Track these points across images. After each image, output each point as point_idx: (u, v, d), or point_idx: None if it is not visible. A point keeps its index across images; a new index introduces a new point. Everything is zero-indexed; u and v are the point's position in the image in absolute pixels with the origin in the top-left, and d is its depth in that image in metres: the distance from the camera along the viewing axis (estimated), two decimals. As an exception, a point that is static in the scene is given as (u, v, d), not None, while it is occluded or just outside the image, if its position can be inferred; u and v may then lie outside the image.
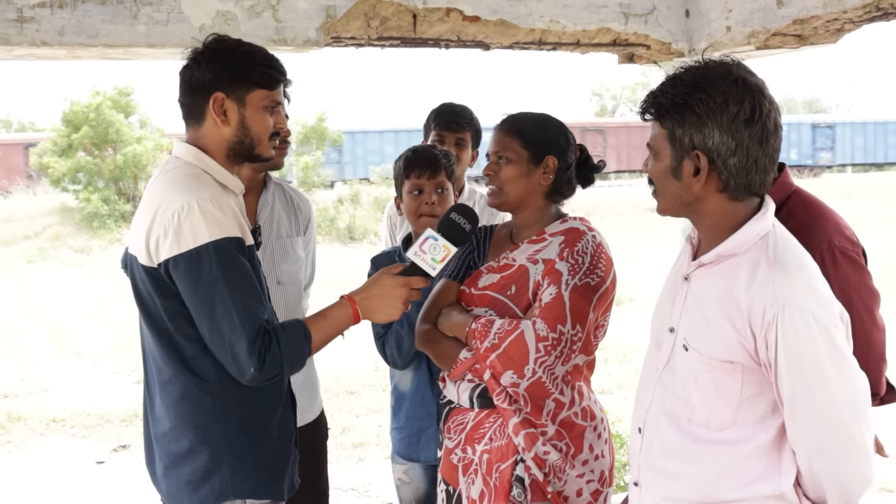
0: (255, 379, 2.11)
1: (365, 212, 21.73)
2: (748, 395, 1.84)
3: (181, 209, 2.08)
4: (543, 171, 2.48)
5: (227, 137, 2.24)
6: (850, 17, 3.18)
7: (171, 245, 2.08)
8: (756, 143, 1.81)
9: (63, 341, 10.74)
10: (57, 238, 20.37)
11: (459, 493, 2.54)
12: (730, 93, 1.80)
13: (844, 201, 20.49)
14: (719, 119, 1.80)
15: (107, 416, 7.60)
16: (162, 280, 2.13)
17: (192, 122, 2.27)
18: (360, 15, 3.42)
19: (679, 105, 1.83)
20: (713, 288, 1.88)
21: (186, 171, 2.19)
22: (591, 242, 2.44)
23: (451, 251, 2.30)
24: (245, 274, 2.13)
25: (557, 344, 2.33)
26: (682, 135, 1.84)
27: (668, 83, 1.88)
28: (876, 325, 2.30)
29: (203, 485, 2.19)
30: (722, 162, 1.82)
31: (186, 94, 2.26)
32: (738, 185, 1.84)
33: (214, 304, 2.08)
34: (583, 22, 3.75)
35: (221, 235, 2.09)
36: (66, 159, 22.32)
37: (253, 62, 2.23)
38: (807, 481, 1.84)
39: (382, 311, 2.29)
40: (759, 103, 1.81)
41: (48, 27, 3.11)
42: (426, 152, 2.90)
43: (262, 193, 3.05)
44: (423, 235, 2.31)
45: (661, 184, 1.93)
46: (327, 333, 2.24)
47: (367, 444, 6.60)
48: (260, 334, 2.09)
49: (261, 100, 2.24)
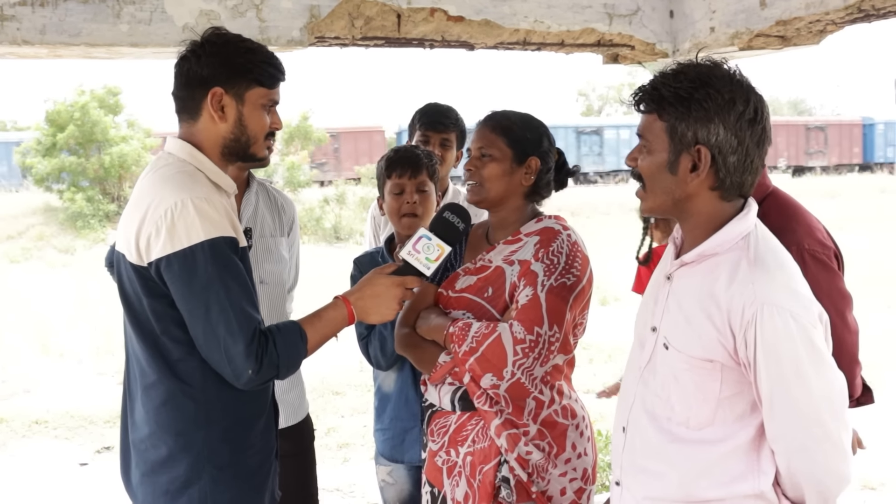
0: (252, 381, 2.05)
1: (351, 212, 21.71)
2: (727, 394, 1.85)
3: (175, 206, 2.02)
4: (525, 172, 2.48)
5: (223, 134, 2.19)
6: (832, 19, 3.19)
7: (164, 243, 2.02)
8: (755, 144, 1.83)
9: (46, 342, 10.66)
10: (41, 238, 20.26)
11: (444, 494, 2.54)
12: (736, 91, 1.81)
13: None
14: (726, 116, 1.80)
15: (90, 418, 7.55)
16: (151, 280, 2.07)
17: (187, 116, 2.21)
18: (345, 15, 3.41)
19: (685, 99, 1.81)
20: (694, 287, 1.88)
21: (179, 168, 2.13)
22: (567, 242, 2.43)
23: (444, 250, 2.30)
24: (240, 274, 2.08)
25: (535, 346, 2.33)
26: (684, 129, 1.82)
27: (671, 77, 1.85)
28: (848, 328, 2.30)
29: (181, 495, 2.12)
30: (723, 159, 1.82)
31: (183, 87, 2.19)
32: (733, 184, 1.85)
33: (210, 305, 2.01)
34: (567, 22, 3.75)
35: (216, 234, 2.04)
36: (50, 159, 22.20)
37: (254, 59, 2.18)
38: (785, 480, 1.85)
39: (377, 312, 2.26)
40: (760, 105, 1.83)
41: (29, 26, 3.09)
42: (408, 152, 2.89)
43: (245, 193, 3.03)
44: (417, 235, 2.30)
45: (652, 179, 1.91)
46: (323, 334, 2.20)
47: (352, 444, 6.59)
48: (256, 336, 2.04)
49: (259, 98, 2.20)
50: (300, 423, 3.16)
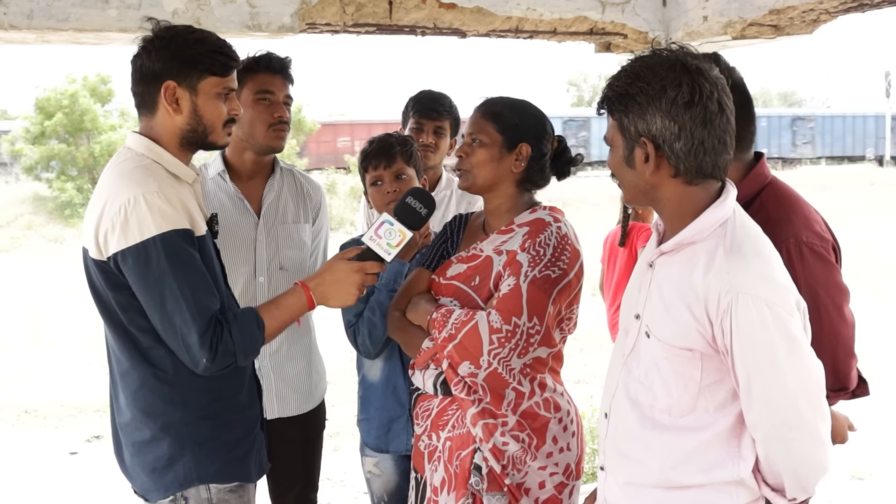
0: (209, 369, 2.12)
1: (341, 201, 21.68)
2: (708, 382, 1.86)
3: (128, 203, 2.08)
4: (516, 158, 2.46)
5: (179, 126, 2.22)
6: (826, 8, 3.19)
7: (119, 239, 2.09)
8: (699, 125, 1.82)
9: (36, 331, 10.63)
10: (30, 227, 20.17)
11: (425, 480, 2.53)
12: (667, 78, 1.82)
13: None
14: (658, 104, 1.82)
15: (80, 407, 7.54)
16: (112, 273, 2.13)
17: (145, 111, 2.25)
18: (336, 1, 3.39)
19: (622, 95, 1.86)
20: (674, 275, 1.89)
21: (136, 163, 2.18)
22: (556, 234, 2.41)
23: (406, 236, 2.29)
24: (194, 265, 2.13)
25: (512, 336, 2.31)
26: (628, 124, 1.87)
27: (615, 76, 1.91)
28: (844, 321, 2.29)
29: (168, 471, 2.21)
30: (668, 147, 1.83)
31: (138, 82, 2.24)
32: (689, 168, 1.85)
33: (164, 297, 2.08)
34: (560, 10, 3.74)
35: (168, 228, 2.09)
36: (38, 146, 22.07)
37: (203, 49, 2.20)
38: (764, 467, 1.86)
39: (337, 297, 2.28)
40: (699, 85, 1.81)
41: (16, 10, 3.05)
42: (380, 142, 2.86)
43: (269, 178, 3.07)
44: (379, 220, 2.30)
45: (618, 174, 1.96)
46: (281, 321, 2.24)
47: (342, 433, 6.58)
48: (211, 325, 2.10)
49: (213, 87, 2.22)
50: (312, 411, 3.20)
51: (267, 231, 3.01)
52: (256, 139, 2.94)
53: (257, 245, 2.99)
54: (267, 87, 2.91)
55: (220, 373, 2.17)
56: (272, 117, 2.92)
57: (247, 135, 2.95)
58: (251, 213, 3.01)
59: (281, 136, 2.97)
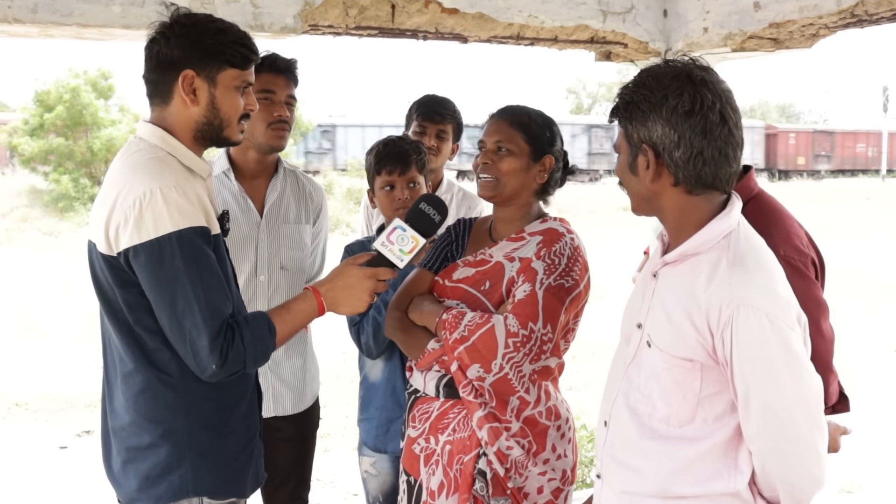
0: (216, 375, 2.02)
1: (338, 202, 21.65)
2: (707, 393, 1.86)
3: (143, 196, 1.97)
4: (540, 169, 2.47)
5: (195, 118, 2.12)
6: (825, 23, 3.21)
7: (132, 234, 1.98)
8: (699, 135, 1.83)
9: (29, 324, 10.60)
10: (25, 220, 20.12)
11: (420, 483, 2.53)
12: (670, 87, 1.84)
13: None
14: (659, 112, 1.84)
15: (71, 401, 7.53)
16: (122, 269, 2.02)
17: (158, 100, 2.15)
18: (339, 3, 3.40)
19: (628, 103, 1.90)
20: (677, 286, 1.90)
21: (151, 154, 2.07)
22: (570, 245, 2.43)
23: (419, 242, 2.25)
24: (209, 265, 2.02)
25: (527, 341, 2.33)
26: (632, 131, 1.90)
27: (624, 86, 1.94)
28: (822, 336, 2.29)
29: (162, 481, 2.11)
30: (668, 155, 1.85)
31: (153, 70, 2.13)
32: (689, 177, 1.86)
33: (176, 298, 1.98)
34: (561, 18, 3.76)
35: (185, 225, 1.99)
36: (36, 140, 22.02)
37: (224, 40, 2.11)
38: (760, 480, 1.86)
39: (348, 304, 2.21)
40: (701, 95, 1.82)
41: (21, 4, 3.06)
42: (396, 147, 2.85)
43: (272, 178, 3.09)
44: (392, 225, 2.26)
45: (624, 181, 1.99)
46: (292, 326, 2.16)
47: (333, 434, 6.58)
48: (223, 330, 2.00)
49: (232, 79, 2.13)
50: (306, 410, 3.21)
51: (269, 230, 3.02)
52: (256, 137, 2.95)
53: (259, 244, 3.01)
54: (269, 86, 2.92)
55: (226, 380, 2.07)
56: (272, 116, 2.93)
57: (248, 133, 2.96)
58: (254, 211, 3.02)
59: (281, 135, 2.98)
